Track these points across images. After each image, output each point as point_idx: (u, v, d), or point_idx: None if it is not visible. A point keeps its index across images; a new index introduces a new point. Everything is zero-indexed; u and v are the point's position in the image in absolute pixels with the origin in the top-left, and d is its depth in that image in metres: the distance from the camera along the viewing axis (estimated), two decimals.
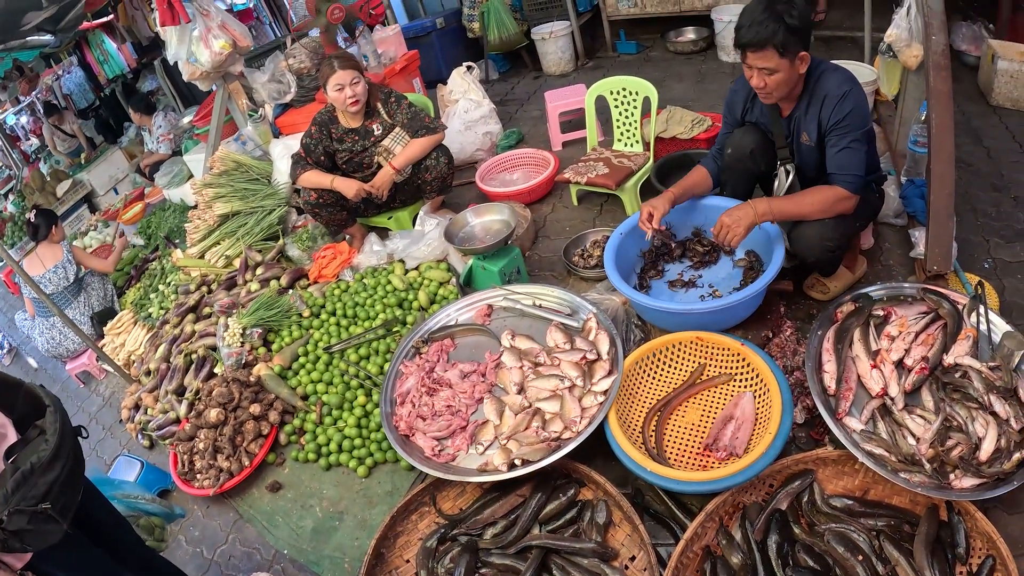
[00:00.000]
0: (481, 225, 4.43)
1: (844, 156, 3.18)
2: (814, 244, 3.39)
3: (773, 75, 3.13)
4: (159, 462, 4.37)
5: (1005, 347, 2.95)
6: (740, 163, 3.66)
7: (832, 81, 3.19)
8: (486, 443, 3.22)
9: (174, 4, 5.56)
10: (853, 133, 3.15)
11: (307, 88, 6.73)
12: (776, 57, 3.05)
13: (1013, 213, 4.44)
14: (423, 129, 4.75)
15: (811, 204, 3.27)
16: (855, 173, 3.18)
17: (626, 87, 5.19)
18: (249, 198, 5.64)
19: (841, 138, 3.17)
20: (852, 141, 3.15)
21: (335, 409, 3.97)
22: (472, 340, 3.88)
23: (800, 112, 3.35)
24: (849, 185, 3.19)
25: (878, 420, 2.87)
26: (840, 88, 3.14)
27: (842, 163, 3.20)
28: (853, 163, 3.18)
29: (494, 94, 8.25)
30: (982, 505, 2.68)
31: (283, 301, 4.55)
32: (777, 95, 3.27)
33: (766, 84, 3.18)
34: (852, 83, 3.17)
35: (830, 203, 3.24)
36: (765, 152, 3.61)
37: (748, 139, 3.60)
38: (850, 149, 3.17)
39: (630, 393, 3.34)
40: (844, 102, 3.13)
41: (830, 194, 3.24)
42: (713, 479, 2.77)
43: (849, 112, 3.13)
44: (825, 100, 3.19)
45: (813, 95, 3.26)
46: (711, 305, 3.34)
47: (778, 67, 3.08)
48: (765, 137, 3.60)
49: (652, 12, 8.49)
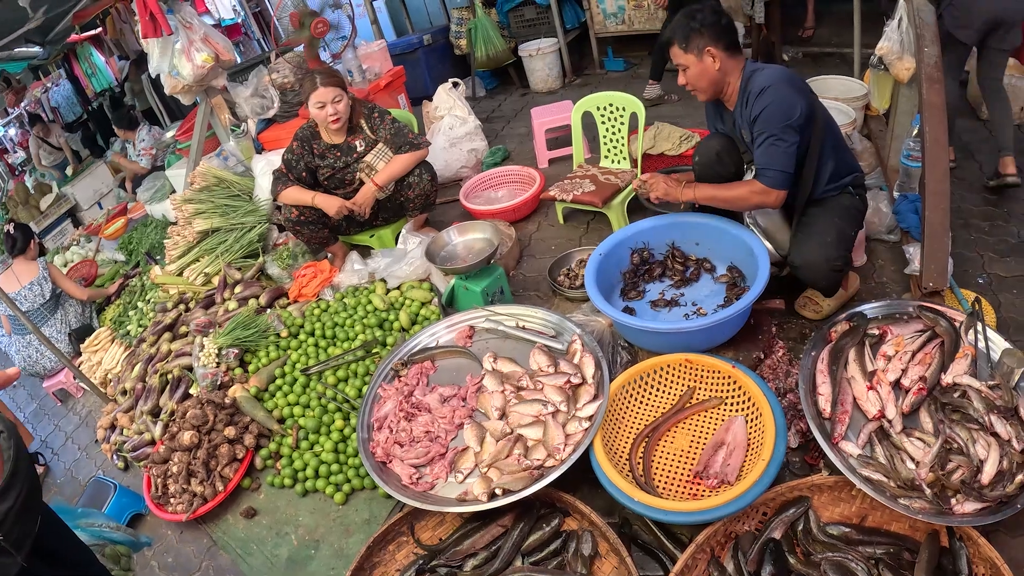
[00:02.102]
0: (463, 244, 4.32)
1: (761, 152, 3.32)
2: (820, 268, 3.42)
3: (687, 71, 3.43)
4: (134, 484, 4.26)
5: (1004, 365, 2.89)
6: (709, 168, 3.72)
7: (757, 80, 3.32)
8: (466, 471, 3.11)
9: (156, 16, 5.49)
10: (769, 129, 3.24)
11: (290, 103, 6.65)
12: (681, 53, 3.38)
13: (1006, 227, 4.42)
14: (406, 145, 4.68)
15: (733, 195, 3.47)
16: (774, 168, 3.26)
17: (613, 103, 5.14)
18: (230, 214, 5.56)
19: (759, 135, 3.30)
20: (768, 137, 3.25)
21: (312, 433, 3.86)
22: (453, 363, 3.77)
23: (737, 112, 3.47)
24: (768, 180, 3.28)
25: (875, 444, 2.79)
26: (760, 86, 3.28)
27: (760, 159, 3.31)
28: (771, 159, 3.27)
29: (481, 111, 8.27)
30: (984, 529, 2.61)
31: (261, 321, 4.45)
32: (701, 90, 3.49)
33: (686, 81, 3.48)
34: (775, 80, 3.26)
35: (746, 195, 3.40)
36: (731, 154, 3.71)
37: (713, 143, 3.73)
38: (767, 145, 3.27)
39: (616, 418, 3.23)
40: (760, 98, 3.26)
41: (747, 187, 3.40)
42: (704, 509, 2.66)
43: (764, 108, 3.24)
44: (748, 97, 3.32)
45: (745, 94, 3.37)
46: (696, 324, 3.29)
47: (686, 62, 3.39)
48: (730, 141, 3.71)
49: (640, 29, 8.58)
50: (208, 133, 6.67)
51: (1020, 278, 3.98)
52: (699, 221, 3.78)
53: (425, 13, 11.44)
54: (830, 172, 3.48)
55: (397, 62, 8.05)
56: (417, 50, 9.08)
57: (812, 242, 3.41)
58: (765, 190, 3.28)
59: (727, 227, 3.67)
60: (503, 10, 8.92)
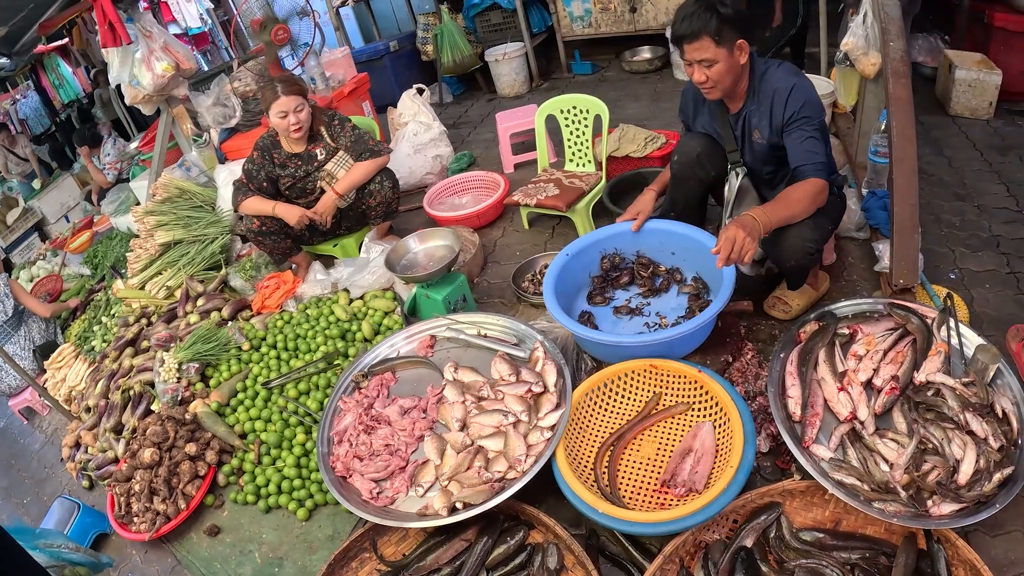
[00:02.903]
0: (424, 252, 4.27)
1: (809, 146, 3.14)
2: (797, 247, 3.31)
3: (713, 66, 3.12)
4: (99, 503, 4.18)
5: (979, 361, 2.87)
6: (688, 169, 3.61)
7: (778, 75, 3.19)
8: (426, 485, 3.06)
9: (115, 26, 5.42)
10: (812, 123, 3.14)
11: (253, 112, 6.61)
12: (712, 46, 3.05)
13: (977, 222, 4.46)
14: (367, 152, 4.63)
15: (799, 201, 3.14)
16: (822, 161, 3.13)
17: (577, 105, 5.11)
18: (192, 226, 5.50)
19: (802, 130, 3.15)
20: (813, 131, 3.14)
21: (274, 448, 3.80)
22: (414, 373, 3.72)
23: (749, 109, 3.32)
24: (821, 173, 3.14)
25: (848, 446, 2.76)
26: (788, 81, 3.15)
27: (808, 153, 3.15)
28: (818, 151, 3.14)
29: (447, 117, 8.28)
30: (963, 530, 2.59)
31: (222, 334, 4.38)
32: (721, 88, 3.23)
33: (707, 77, 3.16)
34: (798, 75, 3.17)
35: (813, 195, 3.13)
36: (713, 156, 3.57)
37: (694, 144, 3.57)
38: (813, 139, 3.14)
39: (580, 427, 3.18)
40: (796, 94, 3.12)
41: (810, 187, 3.14)
42: (670, 519, 2.61)
43: (804, 103, 3.12)
44: (776, 94, 3.18)
45: (761, 91, 3.24)
46: (650, 338, 3.22)
47: (716, 57, 3.08)
48: (713, 142, 3.57)
49: (607, 32, 8.58)
50: (170, 144, 6.61)
51: (992, 272, 3.99)
52: (677, 231, 3.68)
53: (393, 20, 11.41)
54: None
55: (363, 69, 8.03)
56: (383, 57, 9.04)
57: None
58: (825, 185, 3.15)
59: (698, 236, 3.58)
60: (469, 15, 8.90)
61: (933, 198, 4.80)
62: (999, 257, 4.13)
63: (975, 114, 5.73)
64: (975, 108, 5.72)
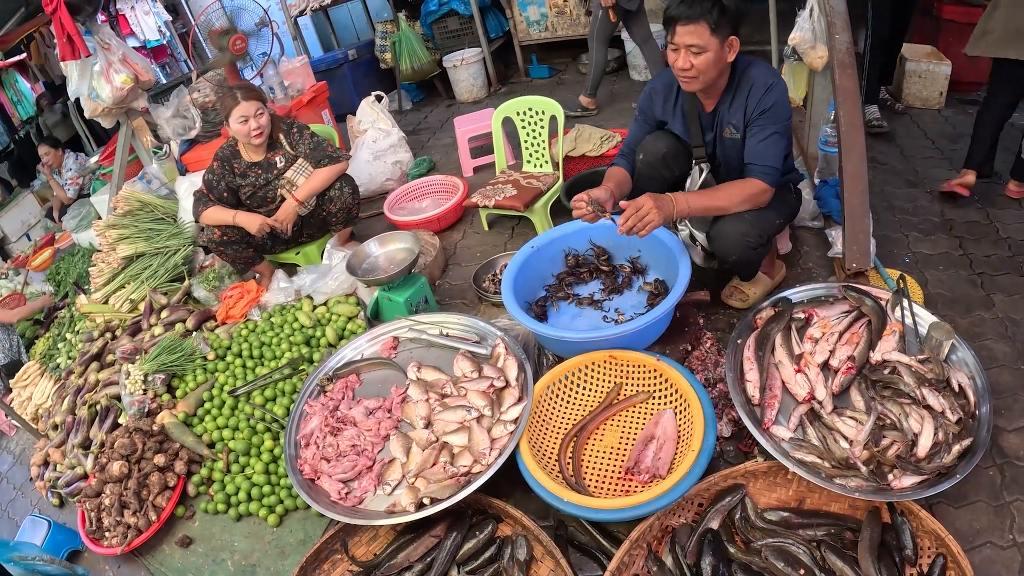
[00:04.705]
0: (385, 255, 4.29)
1: (764, 147, 3.17)
2: (735, 241, 3.36)
3: (701, 55, 3.07)
4: (70, 521, 4.14)
5: (933, 338, 2.95)
6: (654, 169, 3.62)
7: (758, 72, 3.21)
8: (393, 483, 3.08)
9: (73, 38, 5.40)
10: (774, 126, 3.16)
11: (212, 123, 6.59)
12: (707, 34, 3.01)
13: (930, 207, 4.57)
14: (326, 159, 4.65)
15: (727, 196, 3.23)
16: (772, 165, 3.17)
17: (532, 107, 5.16)
18: (154, 238, 5.47)
19: (763, 129, 3.17)
20: (773, 133, 3.15)
21: (242, 456, 3.80)
22: (378, 375, 3.74)
23: (725, 106, 3.33)
24: (766, 177, 3.17)
25: (807, 426, 2.83)
26: (767, 79, 3.17)
27: (761, 154, 3.18)
28: (771, 155, 3.17)
29: (407, 124, 8.31)
30: (927, 502, 2.67)
31: (186, 344, 4.37)
32: (703, 80, 3.18)
33: (692, 65, 3.11)
34: (777, 77, 3.19)
35: (746, 195, 3.21)
36: (678, 156, 3.59)
37: (661, 143, 3.57)
38: (769, 141, 3.16)
39: (543, 419, 3.23)
40: (770, 93, 3.15)
41: (746, 186, 3.21)
42: (635, 504, 2.66)
43: (773, 104, 3.14)
44: (752, 90, 3.20)
45: (739, 88, 3.26)
46: (607, 332, 3.24)
47: (707, 46, 3.04)
48: (679, 142, 3.58)
49: (563, 36, 8.69)
50: (131, 157, 6.58)
51: (945, 255, 4.10)
52: None
53: (352, 28, 11.39)
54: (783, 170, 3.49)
55: (323, 78, 8.03)
56: (342, 65, 9.04)
57: (731, 216, 3.35)
58: (765, 189, 3.19)
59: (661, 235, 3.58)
60: (427, 22, 8.94)
61: (886, 186, 4.90)
62: (952, 240, 4.23)
63: (926, 104, 5.87)
64: (926, 98, 5.86)
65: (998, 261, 4.04)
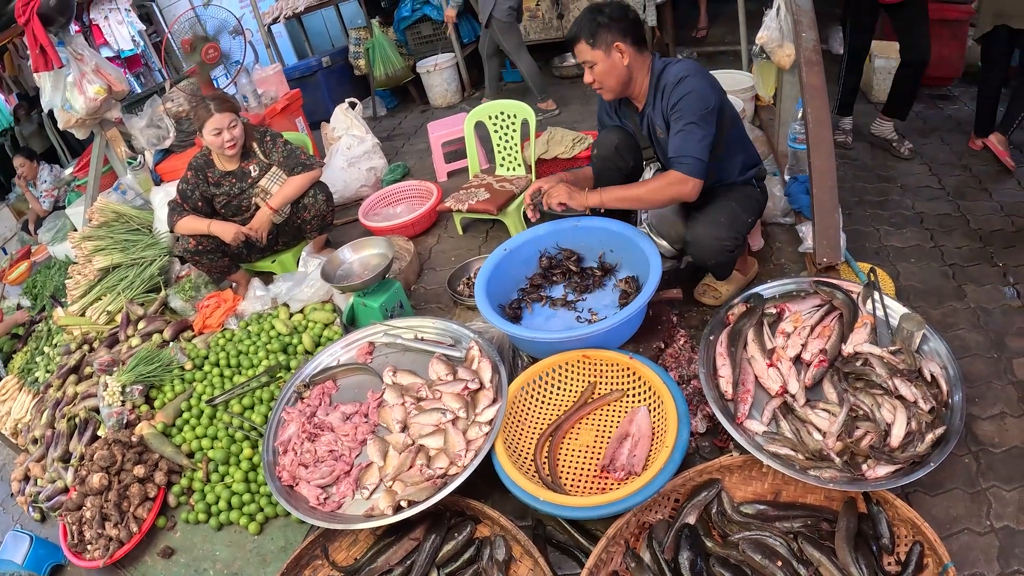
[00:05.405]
0: (359, 261, 4.30)
1: (678, 139, 3.25)
2: (710, 245, 3.46)
3: (594, 67, 3.35)
4: (52, 535, 4.12)
5: (904, 330, 2.98)
6: (608, 161, 3.71)
7: (672, 70, 3.32)
8: (371, 487, 3.09)
9: (46, 49, 5.37)
10: (687, 116, 3.22)
11: (186, 132, 6.58)
12: (588, 49, 3.31)
13: (901, 200, 4.64)
14: (299, 167, 4.66)
15: (646, 189, 3.38)
16: (691, 155, 3.22)
17: (504, 111, 5.20)
18: (130, 249, 5.45)
19: (676, 122, 3.27)
20: (686, 124, 3.22)
21: (222, 465, 3.80)
22: (355, 380, 3.76)
23: (650, 108, 3.45)
24: (683, 167, 3.24)
25: (780, 419, 2.85)
26: (676, 75, 3.27)
27: (677, 146, 3.26)
28: (687, 146, 3.23)
29: (382, 130, 8.33)
30: (903, 490, 2.71)
31: (164, 355, 4.36)
32: (608, 89, 3.44)
33: (593, 79, 3.41)
34: (691, 72, 3.28)
35: (664, 186, 3.31)
36: (630, 148, 3.70)
37: (612, 137, 3.69)
38: (684, 132, 3.23)
39: (518, 420, 3.26)
40: (679, 87, 3.24)
41: (663, 179, 3.31)
42: (610, 501, 2.68)
43: (683, 96, 3.23)
44: (665, 88, 3.31)
45: (656, 89, 3.38)
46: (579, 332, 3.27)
47: (593, 58, 3.32)
48: (630, 135, 3.69)
49: (536, 39, 8.73)
50: (105, 168, 6.54)
51: (916, 247, 4.16)
52: (612, 228, 3.75)
53: (326, 35, 11.37)
54: (740, 164, 3.57)
55: (297, 85, 8.02)
56: (316, 72, 9.04)
57: (705, 220, 3.48)
58: (683, 179, 3.24)
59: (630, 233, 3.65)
60: (400, 28, 8.94)
61: (857, 181, 4.95)
62: (923, 232, 4.29)
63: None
64: None
65: (969, 252, 4.10)
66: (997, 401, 3.19)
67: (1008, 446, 2.98)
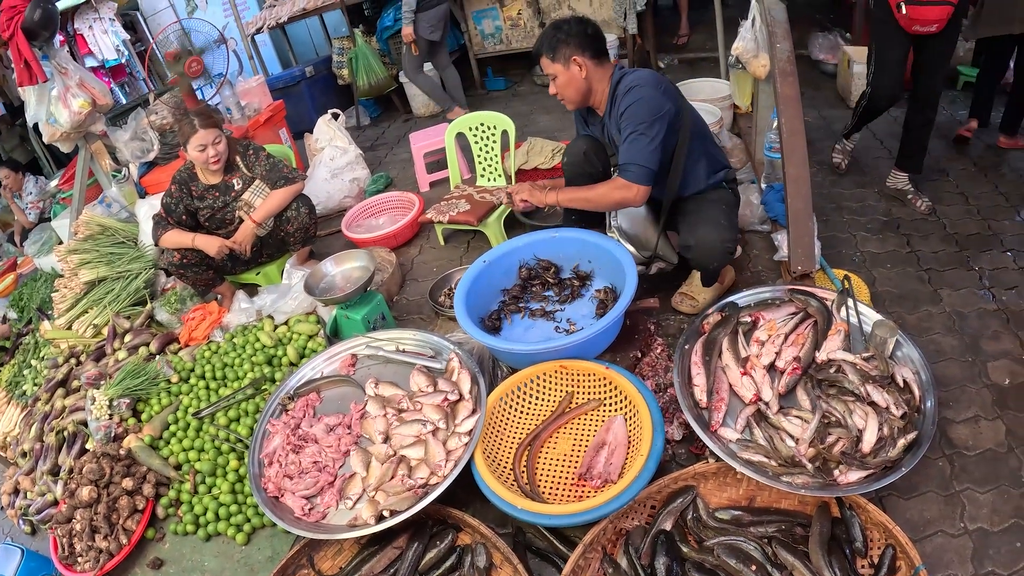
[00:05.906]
0: (341, 274, 4.34)
1: (626, 147, 3.38)
2: (715, 248, 3.57)
3: (556, 80, 3.56)
4: (43, 548, 4.13)
5: (877, 336, 3.04)
6: (577, 167, 3.89)
7: (625, 81, 3.44)
8: (354, 497, 3.15)
9: (31, 63, 5.39)
10: (632, 125, 3.34)
11: (171, 145, 6.60)
12: (549, 63, 3.53)
13: (877, 206, 4.70)
14: (281, 180, 4.69)
15: (595, 193, 3.53)
16: (636, 163, 3.33)
17: (484, 122, 5.24)
18: (115, 262, 5.47)
19: (624, 130, 3.38)
20: (631, 133, 3.34)
21: (208, 476, 3.84)
22: (338, 392, 3.80)
23: (607, 118, 3.60)
24: (628, 175, 3.36)
25: (754, 427, 2.90)
26: (628, 85, 3.41)
27: (624, 154, 3.38)
28: (631, 153, 3.35)
29: (365, 139, 8.33)
30: (878, 494, 2.77)
31: (150, 368, 4.40)
32: (570, 100, 3.65)
33: (556, 90, 3.62)
34: (643, 81, 3.39)
35: (610, 191, 3.47)
36: (598, 153, 3.87)
37: (581, 144, 3.88)
38: (630, 140, 3.35)
39: (497, 430, 3.31)
40: (627, 96, 3.37)
41: (609, 184, 3.49)
42: (587, 509, 2.73)
43: (631, 105, 3.35)
44: (618, 98, 3.44)
45: (613, 99, 3.50)
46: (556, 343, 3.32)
47: (555, 71, 3.53)
48: (597, 142, 3.86)
49: (518, 48, 8.79)
50: (90, 180, 6.54)
51: (892, 253, 4.21)
52: (589, 239, 3.82)
53: (310, 44, 11.33)
54: (705, 170, 3.63)
55: (280, 96, 8.03)
56: (300, 83, 8.99)
57: (708, 225, 3.55)
58: (627, 185, 3.35)
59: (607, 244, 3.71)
60: (383, 38, 8.90)
61: (835, 187, 5.00)
62: (899, 238, 4.35)
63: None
64: None
65: (945, 257, 4.16)
66: (972, 404, 3.25)
67: (982, 449, 3.04)
